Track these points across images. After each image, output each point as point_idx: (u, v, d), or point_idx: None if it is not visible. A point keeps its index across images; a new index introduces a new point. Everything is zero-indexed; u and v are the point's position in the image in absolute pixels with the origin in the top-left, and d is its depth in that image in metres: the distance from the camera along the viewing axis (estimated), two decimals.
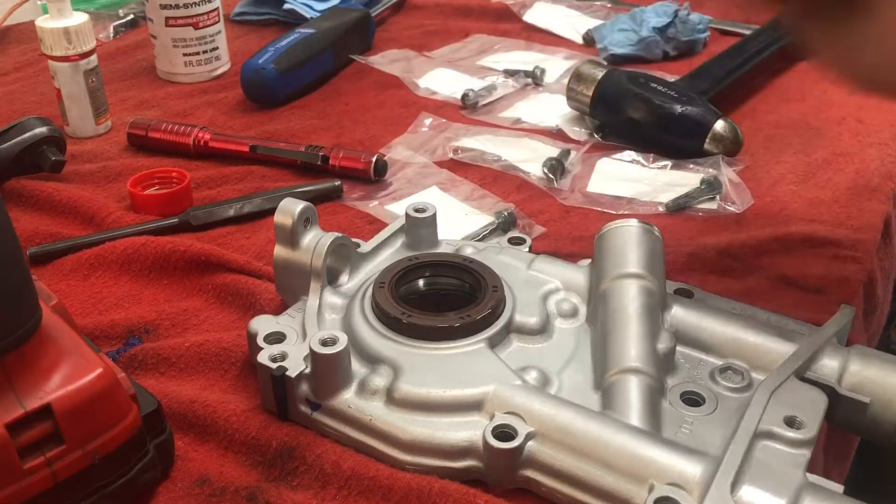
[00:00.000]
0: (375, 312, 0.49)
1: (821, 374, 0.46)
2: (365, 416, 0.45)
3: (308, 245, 0.52)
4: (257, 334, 0.49)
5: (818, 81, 0.88)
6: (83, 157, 0.79)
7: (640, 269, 0.49)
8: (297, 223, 0.52)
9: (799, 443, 0.42)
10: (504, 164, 0.75)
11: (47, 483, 0.39)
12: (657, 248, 0.51)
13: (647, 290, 0.49)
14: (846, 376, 0.46)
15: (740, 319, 0.50)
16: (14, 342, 0.38)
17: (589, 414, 0.43)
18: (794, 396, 0.44)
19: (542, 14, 1.08)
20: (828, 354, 0.47)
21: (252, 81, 0.87)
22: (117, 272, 0.62)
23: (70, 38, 0.79)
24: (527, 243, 0.58)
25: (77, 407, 0.39)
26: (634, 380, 0.45)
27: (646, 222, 0.52)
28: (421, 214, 0.55)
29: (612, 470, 0.41)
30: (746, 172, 0.73)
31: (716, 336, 0.49)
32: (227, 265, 0.61)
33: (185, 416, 0.49)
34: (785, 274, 0.60)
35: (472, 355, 0.47)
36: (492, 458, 0.43)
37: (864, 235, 0.64)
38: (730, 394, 0.46)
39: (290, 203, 0.52)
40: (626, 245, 0.51)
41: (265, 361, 0.47)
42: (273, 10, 1.09)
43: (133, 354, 0.54)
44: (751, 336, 0.48)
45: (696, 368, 0.48)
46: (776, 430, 0.42)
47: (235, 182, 0.75)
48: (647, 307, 0.48)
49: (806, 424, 0.43)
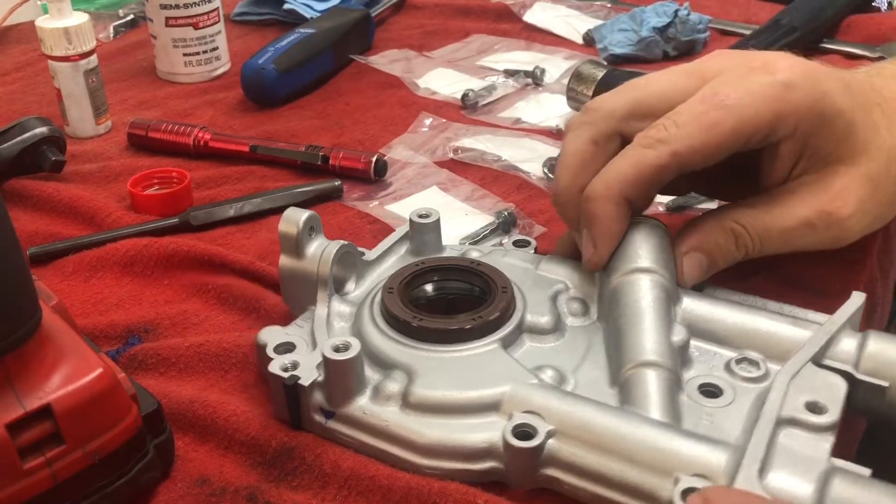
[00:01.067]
0: (386, 318, 0.49)
1: (837, 360, 0.46)
2: (381, 421, 0.45)
3: (314, 254, 0.52)
4: (266, 345, 0.48)
5: None
6: (83, 157, 0.79)
7: (651, 264, 0.49)
8: (302, 232, 0.51)
9: (822, 427, 0.42)
10: (504, 164, 0.75)
11: (47, 483, 0.39)
12: (665, 242, 0.51)
13: (658, 284, 0.49)
14: (863, 361, 0.46)
15: (752, 310, 0.50)
16: (14, 342, 0.38)
17: (608, 409, 0.43)
18: (814, 382, 0.44)
19: (542, 14, 1.08)
20: (843, 340, 0.47)
21: (252, 81, 0.87)
22: (118, 273, 0.62)
23: (70, 38, 0.79)
24: (531, 245, 0.58)
25: (77, 407, 0.39)
26: (652, 373, 0.44)
27: (651, 217, 0.52)
28: (425, 220, 0.55)
29: (635, 464, 0.41)
30: None
31: (728, 327, 0.49)
32: (229, 266, 0.61)
33: (185, 416, 0.49)
34: (785, 274, 0.60)
35: (485, 356, 0.47)
36: (512, 458, 0.43)
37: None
38: (747, 384, 0.46)
39: (295, 213, 0.52)
40: (634, 240, 0.51)
41: (277, 371, 0.46)
42: (273, 10, 1.09)
43: (133, 354, 0.54)
44: (764, 326, 0.48)
45: (711, 360, 0.48)
46: (799, 416, 0.42)
47: (235, 182, 0.75)
48: (660, 301, 0.48)
49: (828, 409, 0.42)
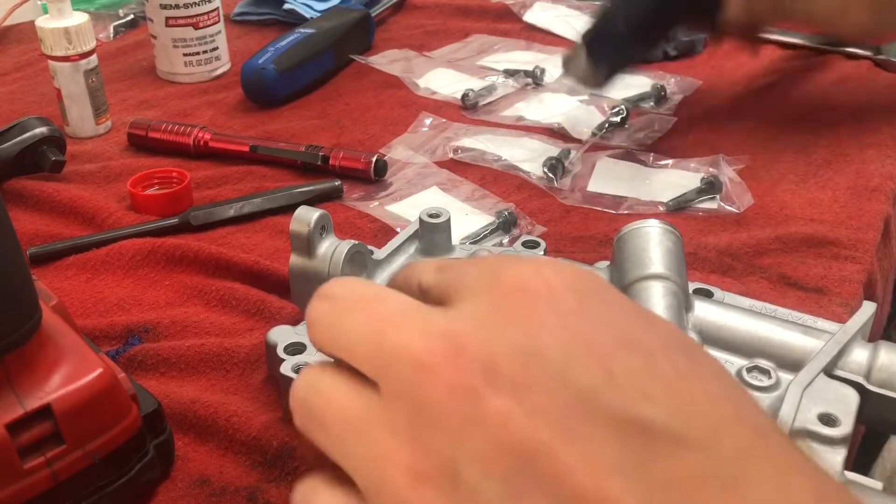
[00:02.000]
0: None
1: (849, 371, 0.46)
2: None
3: (325, 253, 0.52)
4: (277, 345, 0.48)
5: (818, 82, 0.88)
6: (83, 157, 0.79)
7: (664, 270, 0.49)
8: (314, 232, 0.51)
9: (835, 440, 0.41)
10: (504, 164, 0.75)
11: (47, 483, 0.39)
12: (678, 248, 0.51)
13: (671, 292, 0.48)
14: (874, 372, 0.46)
15: (763, 318, 0.49)
16: (14, 342, 0.38)
17: None
18: (826, 394, 0.43)
19: (541, 14, 1.08)
20: (855, 350, 0.46)
21: (252, 81, 0.87)
22: (119, 273, 0.62)
23: (70, 38, 0.79)
24: (541, 246, 0.57)
25: (77, 407, 0.39)
26: None
27: (666, 223, 0.52)
28: (435, 220, 0.55)
29: None
30: (746, 172, 0.73)
31: (740, 335, 0.48)
32: (230, 267, 0.61)
33: (185, 417, 0.49)
34: (785, 274, 0.60)
35: None
36: None
37: (864, 235, 0.64)
38: (759, 393, 0.46)
39: (306, 212, 0.51)
40: (648, 246, 0.50)
41: (288, 372, 0.46)
42: (273, 10, 1.09)
43: (133, 355, 0.54)
44: (775, 334, 0.48)
45: None
46: (812, 428, 0.42)
47: (235, 182, 0.75)
48: (673, 308, 0.47)
49: (841, 421, 0.42)
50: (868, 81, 0.88)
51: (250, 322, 0.57)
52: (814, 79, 0.89)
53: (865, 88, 0.87)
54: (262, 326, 0.56)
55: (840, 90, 0.86)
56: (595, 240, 0.64)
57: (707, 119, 0.83)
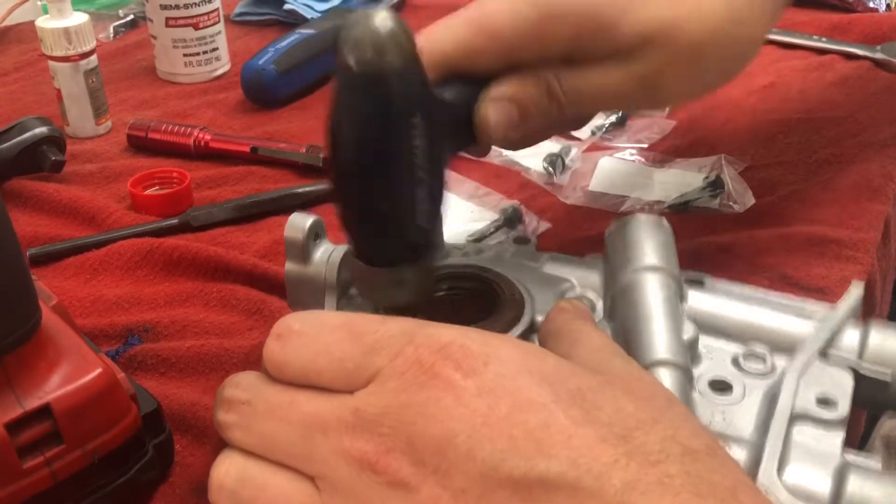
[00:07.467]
0: None
1: (842, 353, 0.46)
2: None
3: (320, 259, 0.51)
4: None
5: (818, 81, 0.88)
6: (83, 158, 0.79)
7: (657, 262, 0.49)
8: (308, 238, 0.51)
9: (833, 423, 0.42)
10: (504, 160, 0.75)
11: (47, 483, 0.39)
12: (669, 239, 0.51)
13: (666, 282, 0.48)
14: (867, 352, 0.46)
15: (755, 303, 0.49)
16: (14, 342, 0.38)
17: None
18: (821, 377, 0.44)
19: None
20: (846, 332, 0.47)
21: (252, 82, 0.87)
22: (119, 273, 0.62)
23: (70, 38, 0.79)
24: (531, 243, 0.57)
25: (76, 407, 0.39)
26: (666, 372, 0.44)
27: (655, 214, 0.52)
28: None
29: None
30: (747, 172, 0.72)
31: (733, 322, 0.49)
32: (230, 267, 0.61)
33: (184, 417, 0.49)
34: (786, 273, 0.60)
35: None
36: None
37: (864, 235, 0.64)
38: (754, 379, 0.46)
39: (299, 218, 0.51)
40: (640, 238, 0.50)
41: None
42: (273, 10, 1.09)
43: (133, 355, 0.54)
44: (768, 319, 0.48)
45: (718, 355, 0.48)
46: (810, 412, 0.42)
47: (235, 182, 0.75)
48: (669, 299, 0.48)
49: (838, 404, 0.42)
50: (868, 81, 0.88)
51: (250, 322, 0.57)
52: (814, 79, 0.89)
53: (865, 88, 0.87)
54: (262, 327, 0.56)
55: (840, 90, 0.86)
56: (596, 239, 0.64)
57: (707, 119, 0.83)
